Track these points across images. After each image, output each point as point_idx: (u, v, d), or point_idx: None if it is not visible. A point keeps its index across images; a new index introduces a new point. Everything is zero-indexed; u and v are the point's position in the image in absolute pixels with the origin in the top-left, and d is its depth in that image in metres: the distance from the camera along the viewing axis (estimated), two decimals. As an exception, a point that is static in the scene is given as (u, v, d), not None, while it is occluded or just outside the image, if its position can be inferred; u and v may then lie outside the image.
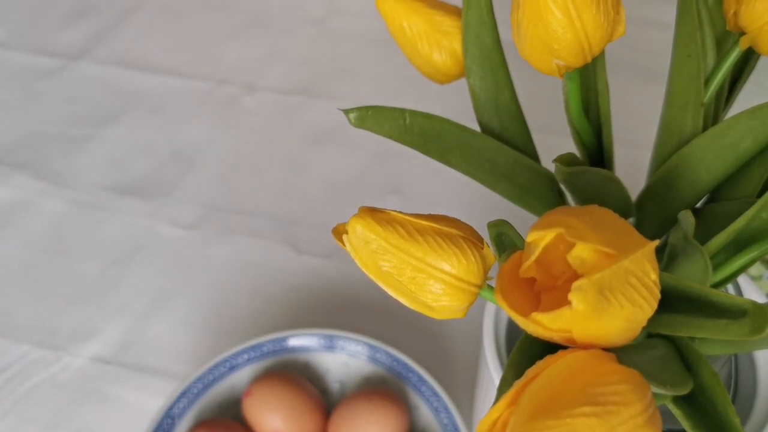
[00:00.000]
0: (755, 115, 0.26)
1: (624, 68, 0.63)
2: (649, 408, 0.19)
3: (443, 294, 0.22)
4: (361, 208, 0.23)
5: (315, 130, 0.65)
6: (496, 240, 0.25)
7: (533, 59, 0.25)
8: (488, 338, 0.34)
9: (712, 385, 0.23)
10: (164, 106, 0.67)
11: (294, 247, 0.56)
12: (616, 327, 0.19)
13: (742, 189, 0.28)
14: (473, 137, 0.29)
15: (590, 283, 0.18)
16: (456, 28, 0.30)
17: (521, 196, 0.30)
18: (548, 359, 0.20)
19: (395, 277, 0.22)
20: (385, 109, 0.28)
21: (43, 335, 0.52)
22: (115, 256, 0.57)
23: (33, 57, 0.72)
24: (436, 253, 0.22)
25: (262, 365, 0.47)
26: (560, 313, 0.19)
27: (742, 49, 0.27)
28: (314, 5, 0.75)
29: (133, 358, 0.51)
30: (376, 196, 0.59)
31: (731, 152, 0.27)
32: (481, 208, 0.53)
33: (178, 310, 0.53)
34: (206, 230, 0.58)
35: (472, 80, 0.30)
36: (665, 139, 0.29)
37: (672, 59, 0.28)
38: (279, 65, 0.70)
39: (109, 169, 0.62)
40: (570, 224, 0.19)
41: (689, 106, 0.28)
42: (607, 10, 0.23)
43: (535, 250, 0.20)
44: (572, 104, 0.28)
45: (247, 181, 0.61)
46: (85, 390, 0.50)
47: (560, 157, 0.28)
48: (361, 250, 0.23)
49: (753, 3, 0.26)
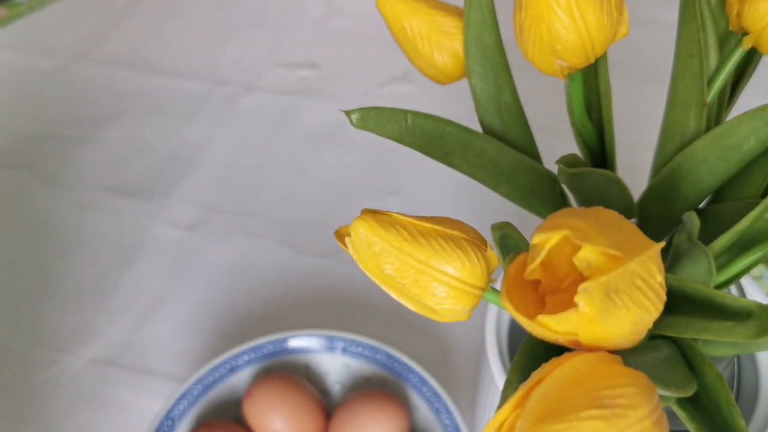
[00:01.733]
0: (758, 116, 0.26)
1: (625, 68, 0.63)
2: (656, 411, 0.19)
3: (447, 297, 0.22)
4: (363, 210, 0.23)
5: (314, 130, 0.64)
6: (500, 242, 0.25)
7: (536, 60, 0.25)
8: (490, 339, 0.33)
9: (716, 386, 0.23)
10: (163, 107, 0.67)
11: (293, 248, 0.56)
12: (622, 329, 0.19)
13: (745, 190, 0.28)
14: (475, 138, 0.29)
15: (597, 285, 0.18)
16: (457, 28, 0.30)
17: (523, 197, 0.30)
18: (554, 362, 0.20)
19: (398, 279, 0.22)
20: (387, 110, 0.28)
21: (42, 336, 0.52)
22: (115, 258, 0.56)
23: (31, 57, 0.72)
24: (439, 255, 0.22)
25: (263, 366, 0.46)
26: (566, 316, 0.19)
27: (744, 49, 0.27)
28: (313, 5, 0.75)
29: (133, 359, 0.51)
30: (376, 197, 0.59)
31: (734, 153, 0.27)
32: (482, 208, 0.52)
33: (177, 311, 0.53)
34: (205, 231, 0.58)
35: (474, 81, 0.30)
36: (668, 139, 0.29)
37: (674, 59, 0.28)
38: (278, 66, 0.70)
39: (107, 170, 0.62)
40: (576, 226, 0.19)
41: (692, 106, 0.28)
42: (611, 11, 0.23)
43: (540, 252, 0.20)
44: (575, 105, 0.28)
45: (247, 181, 0.61)
46: (84, 392, 0.50)
47: (563, 158, 0.28)
48: (363, 252, 0.22)
49: (756, 3, 0.26)
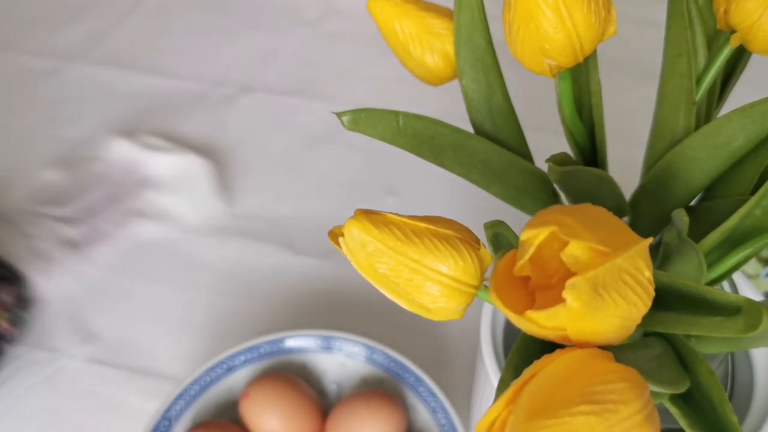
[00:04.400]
0: (747, 113, 0.26)
1: (618, 67, 0.64)
2: (647, 406, 0.19)
3: (441, 295, 0.22)
4: (356, 210, 0.23)
5: (311, 130, 0.65)
6: (493, 240, 0.25)
7: (525, 59, 0.25)
8: (485, 339, 0.34)
9: (708, 383, 0.23)
10: (160, 107, 0.67)
11: (291, 248, 0.56)
12: (610, 325, 0.19)
13: (735, 187, 0.28)
14: (467, 139, 0.29)
15: (584, 280, 0.18)
16: (448, 29, 0.30)
17: (515, 197, 0.30)
18: (545, 359, 0.20)
19: (392, 279, 0.22)
20: (378, 111, 0.28)
21: (38, 336, 0.52)
22: (112, 258, 0.56)
23: (29, 58, 0.72)
24: (433, 254, 0.22)
25: (259, 366, 0.47)
26: (555, 311, 0.19)
27: (732, 47, 0.27)
28: (309, 6, 0.76)
29: (130, 360, 0.51)
30: (373, 197, 0.59)
31: (724, 151, 0.27)
32: (477, 207, 0.53)
33: (174, 311, 0.53)
34: (202, 231, 0.58)
35: (465, 82, 0.30)
36: (658, 138, 0.29)
37: (663, 58, 0.29)
38: (275, 66, 0.70)
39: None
40: (563, 222, 0.19)
41: (681, 105, 0.28)
42: (598, 10, 0.23)
43: (529, 249, 0.20)
44: (565, 104, 0.28)
45: (243, 182, 0.61)
46: (81, 392, 0.50)
47: (553, 156, 0.28)
48: (357, 252, 0.22)
49: (743, 1, 0.26)
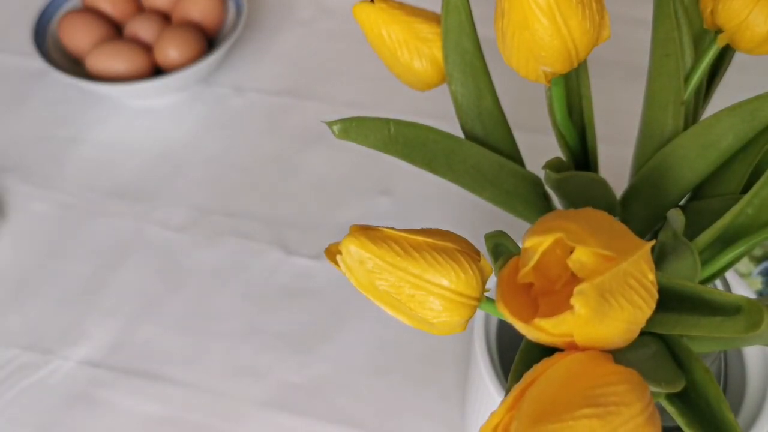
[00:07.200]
0: (735, 113, 0.27)
1: (611, 67, 0.64)
2: (648, 407, 0.19)
3: (443, 310, 0.22)
4: (352, 227, 0.23)
5: (304, 130, 0.64)
6: (493, 251, 0.25)
7: (520, 67, 0.25)
8: (479, 338, 0.34)
9: (704, 381, 0.23)
10: (152, 108, 0.66)
11: (284, 248, 0.56)
12: (617, 329, 0.19)
13: (725, 186, 0.28)
14: (458, 145, 0.29)
15: (592, 286, 0.18)
16: (435, 34, 0.30)
17: (507, 201, 0.30)
18: (546, 362, 0.20)
19: (393, 295, 0.22)
20: (369, 119, 0.28)
21: (31, 339, 0.52)
22: (104, 259, 0.56)
23: (20, 59, 0.71)
24: (433, 268, 0.22)
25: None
26: (563, 318, 0.19)
27: (719, 46, 0.28)
28: (302, 6, 0.75)
29: (123, 361, 0.50)
30: (366, 197, 0.59)
31: (713, 150, 0.28)
32: (471, 205, 0.52)
33: (167, 312, 0.53)
34: (195, 232, 0.57)
35: (454, 87, 0.30)
36: (647, 138, 0.30)
37: (650, 59, 0.29)
38: (267, 66, 0.70)
39: (97, 172, 0.62)
40: (568, 229, 0.19)
41: (669, 105, 0.28)
42: (593, 16, 0.23)
43: (533, 256, 0.20)
44: (557, 108, 0.28)
45: (237, 182, 0.61)
46: (74, 393, 0.49)
47: (548, 163, 0.28)
48: (356, 270, 0.22)
49: (730, 1, 0.26)
